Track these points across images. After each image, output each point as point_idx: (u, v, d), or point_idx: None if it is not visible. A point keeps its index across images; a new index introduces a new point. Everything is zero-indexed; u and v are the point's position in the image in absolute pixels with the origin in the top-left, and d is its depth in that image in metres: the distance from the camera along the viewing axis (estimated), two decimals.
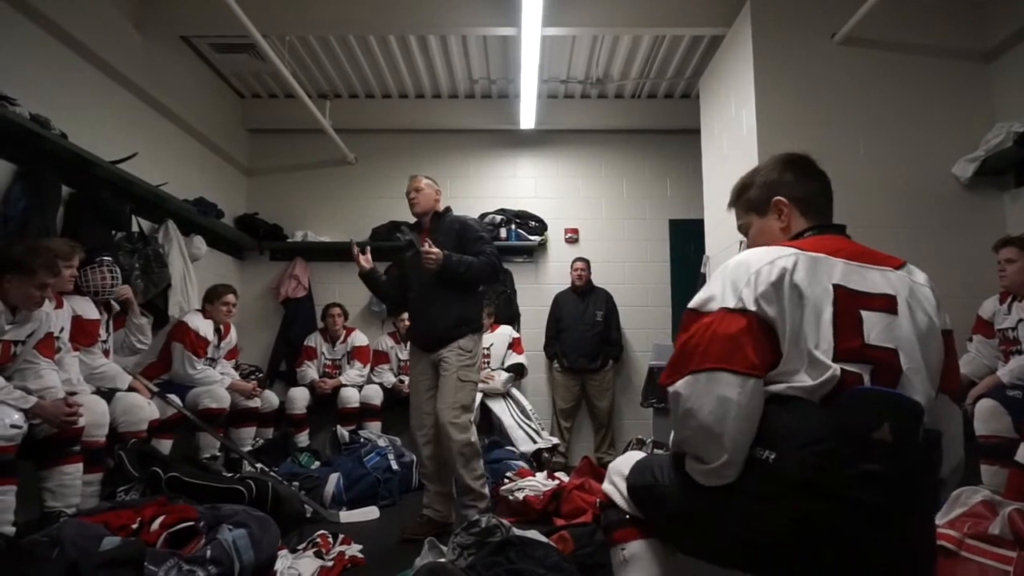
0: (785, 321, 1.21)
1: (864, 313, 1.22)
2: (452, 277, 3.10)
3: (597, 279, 5.68)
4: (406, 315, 5.14)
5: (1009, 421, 2.77)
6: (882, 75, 3.86)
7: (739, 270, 1.27)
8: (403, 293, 3.41)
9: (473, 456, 3.13)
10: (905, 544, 1.15)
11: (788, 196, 1.45)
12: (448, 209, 3.44)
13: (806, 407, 1.17)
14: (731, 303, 1.23)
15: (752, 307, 1.21)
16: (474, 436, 3.17)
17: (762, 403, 1.20)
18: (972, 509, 2.09)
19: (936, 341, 1.28)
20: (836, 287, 1.23)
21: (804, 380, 1.18)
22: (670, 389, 1.27)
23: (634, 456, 1.56)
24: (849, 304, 1.22)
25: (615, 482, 1.53)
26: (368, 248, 3.44)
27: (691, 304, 1.31)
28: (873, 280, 1.27)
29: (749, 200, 1.52)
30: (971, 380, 3.19)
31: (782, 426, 1.17)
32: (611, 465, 1.61)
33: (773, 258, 1.25)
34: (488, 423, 5.08)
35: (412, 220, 3.50)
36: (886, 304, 1.25)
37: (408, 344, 3.27)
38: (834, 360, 1.17)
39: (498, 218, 5.88)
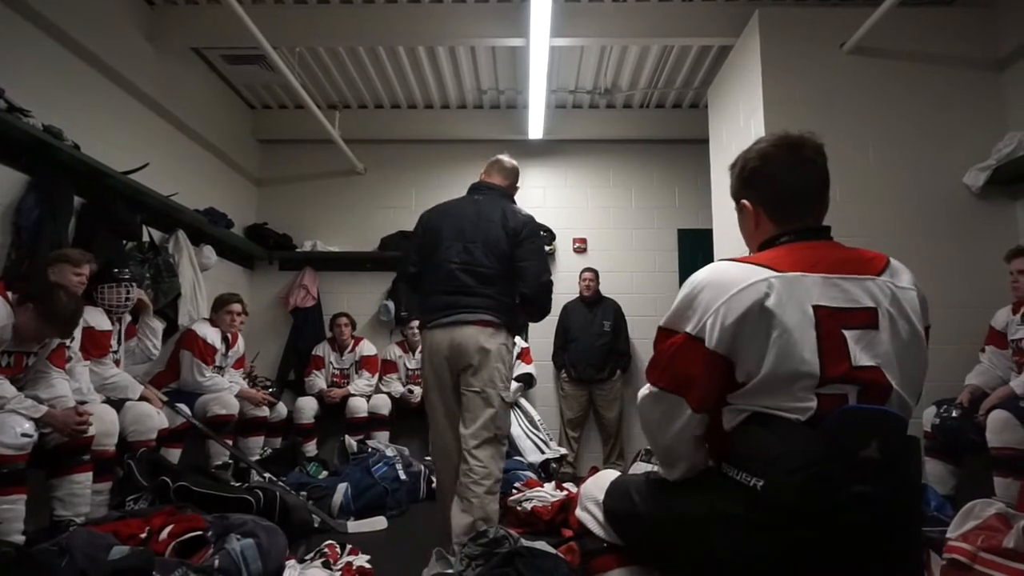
0: (751, 354, 1.19)
1: (847, 333, 1.18)
2: None
3: (605, 289, 5.67)
4: (415, 324, 5.16)
5: (1023, 433, 2.75)
6: (892, 84, 3.84)
7: (708, 294, 1.24)
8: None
9: None
10: (897, 562, 1.16)
11: (757, 200, 1.40)
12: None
13: (792, 428, 1.16)
14: (693, 329, 1.24)
15: (712, 345, 1.21)
16: None
17: (704, 429, 1.28)
18: (986, 522, 2.06)
19: (917, 348, 1.24)
20: (816, 309, 1.18)
21: (783, 405, 1.17)
22: (640, 393, 1.39)
23: (607, 477, 1.54)
24: (832, 325, 1.18)
25: (589, 508, 1.51)
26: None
27: (662, 323, 1.34)
28: (853, 294, 1.21)
29: (732, 185, 1.49)
30: (984, 391, 3.16)
31: (767, 450, 1.16)
32: (583, 489, 1.59)
33: (744, 284, 1.20)
34: None
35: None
36: (867, 319, 1.20)
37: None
38: (820, 385, 1.15)
39: None
